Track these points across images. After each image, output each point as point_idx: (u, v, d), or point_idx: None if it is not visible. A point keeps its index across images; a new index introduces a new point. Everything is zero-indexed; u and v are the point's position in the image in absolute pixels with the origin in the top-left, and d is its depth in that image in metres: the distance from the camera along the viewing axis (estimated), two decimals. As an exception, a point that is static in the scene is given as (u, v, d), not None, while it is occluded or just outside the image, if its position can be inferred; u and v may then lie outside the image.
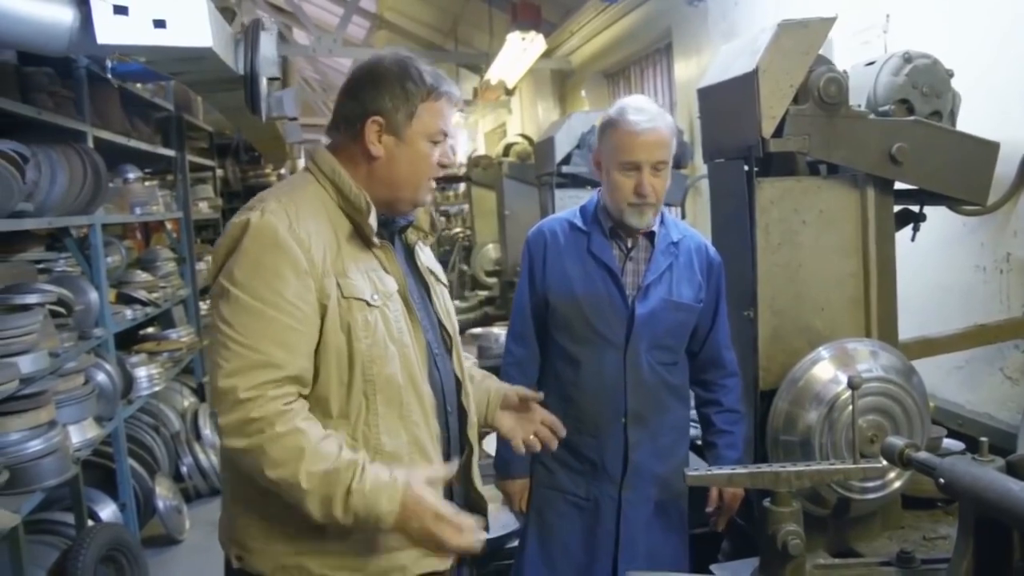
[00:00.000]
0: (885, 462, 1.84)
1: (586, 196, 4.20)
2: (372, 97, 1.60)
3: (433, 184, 1.70)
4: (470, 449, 1.77)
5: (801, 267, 2.13)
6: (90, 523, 3.49)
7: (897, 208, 2.26)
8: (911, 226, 2.31)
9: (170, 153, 5.67)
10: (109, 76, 4.19)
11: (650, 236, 2.14)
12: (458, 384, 1.76)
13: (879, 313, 2.16)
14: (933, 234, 2.43)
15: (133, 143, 4.64)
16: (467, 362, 1.91)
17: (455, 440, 1.74)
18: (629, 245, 2.14)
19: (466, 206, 8.80)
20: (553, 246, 2.18)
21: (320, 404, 1.54)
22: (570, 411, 2.15)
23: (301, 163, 13.52)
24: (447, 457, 1.70)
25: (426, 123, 1.62)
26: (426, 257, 1.81)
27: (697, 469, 1.93)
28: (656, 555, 2.18)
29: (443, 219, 11.37)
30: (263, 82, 3.63)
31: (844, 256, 2.15)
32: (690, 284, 2.16)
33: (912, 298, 2.42)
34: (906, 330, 2.28)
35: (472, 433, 1.77)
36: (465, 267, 9.02)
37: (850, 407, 1.89)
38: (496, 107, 10.05)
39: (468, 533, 1.48)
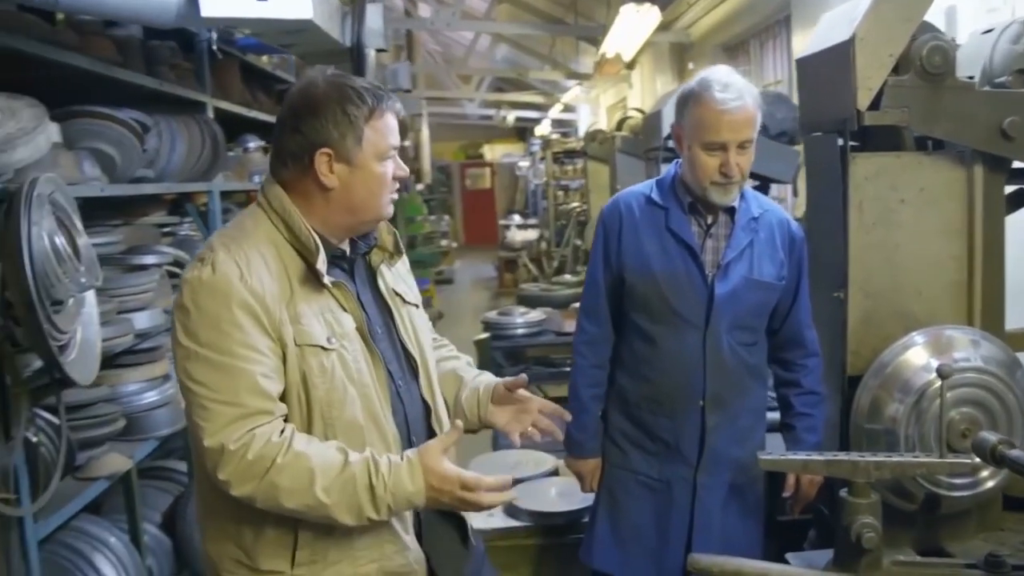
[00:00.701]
0: (976, 458, 1.74)
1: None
2: (315, 128, 1.55)
3: (395, 197, 1.67)
4: None
5: (898, 248, 2.01)
6: (201, 472, 3.70)
7: (1010, 189, 2.10)
8: (1026, 208, 2.14)
9: (291, 124, 5.88)
10: (227, 48, 4.37)
11: (730, 211, 2.07)
12: (427, 409, 1.74)
13: (984, 299, 2.02)
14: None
15: (253, 113, 4.83)
16: (458, 361, 1.89)
17: None
18: (709, 221, 2.08)
19: (584, 180, 8.77)
20: (629, 221, 2.13)
21: None
22: (645, 391, 2.11)
23: (425, 135, 13.82)
24: None
25: (375, 143, 1.58)
26: (392, 278, 1.77)
27: (771, 453, 1.87)
28: (731, 540, 2.13)
29: (561, 193, 11.39)
30: (370, 54, 3.72)
31: (946, 237, 2.01)
32: (772, 261, 2.08)
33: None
34: (1017, 320, 2.12)
35: None
36: (579, 241, 9.00)
37: (939, 398, 1.78)
38: (617, 81, 9.96)
39: (497, 492, 1.51)
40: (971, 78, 2.15)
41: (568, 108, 12.68)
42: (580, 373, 2.20)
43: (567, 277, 7.60)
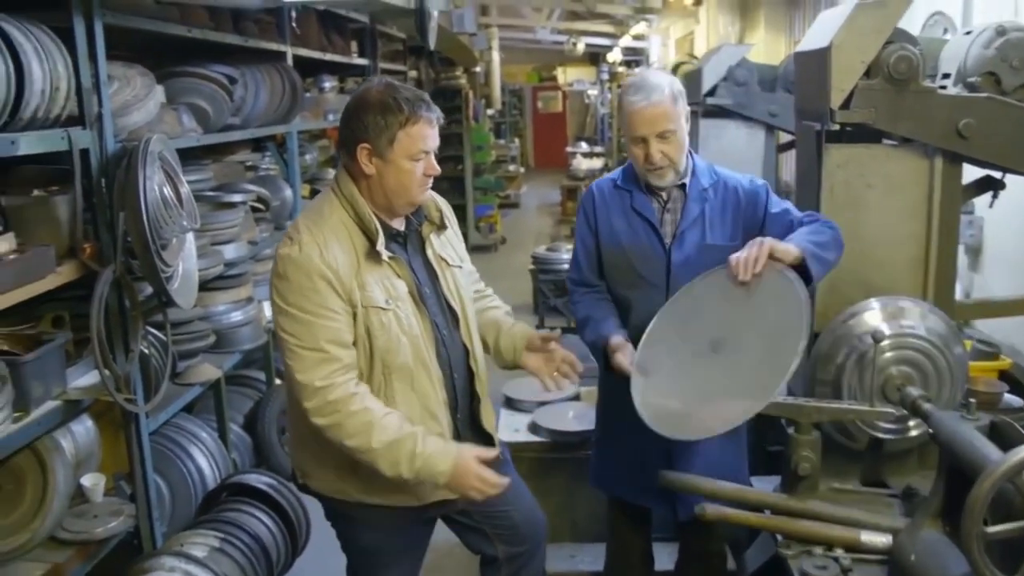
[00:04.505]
0: (899, 410, 2.11)
1: (730, 128, 4.41)
2: (358, 127, 1.95)
3: (427, 186, 2.04)
4: (477, 400, 2.19)
5: (863, 226, 2.32)
6: (277, 381, 4.27)
7: (980, 175, 2.38)
8: (991, 192, 2.42)
9: (363, 62, 6.27)
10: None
11: (682, 187, 2.35)
12: (466, 351, 2.16)
13: (937, 272, 2.33)
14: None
15: (328, 56, 5.24)
16: (498, 311, 2.31)
17: (463, 396, 2.16)
18: (665, 198, 2.37)
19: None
20: (601, 204, 2.45)
21: None
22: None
23: (495, 63, 13.99)
24: (454, 412, 2.13)
25: (406, 146, 1.95)
26: (439, 245, 2.16)
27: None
28: (712, 468, 2.36)
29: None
30: (434, 15, 4.05)
31: (907, 219, 2.32)
32: (723, 225, 2.33)
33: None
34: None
35: (479, 387, 2.18)
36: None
37: (879, 356, 2.14)
38: (685, 15, 9.97)
39: (496, 488, 2.00)
40: (947, 76, 2.42)
41: (639, 37, 12.68)
42: (576, 306, 2.53)
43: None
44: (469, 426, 2.19)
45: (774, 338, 2.05)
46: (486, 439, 2.23)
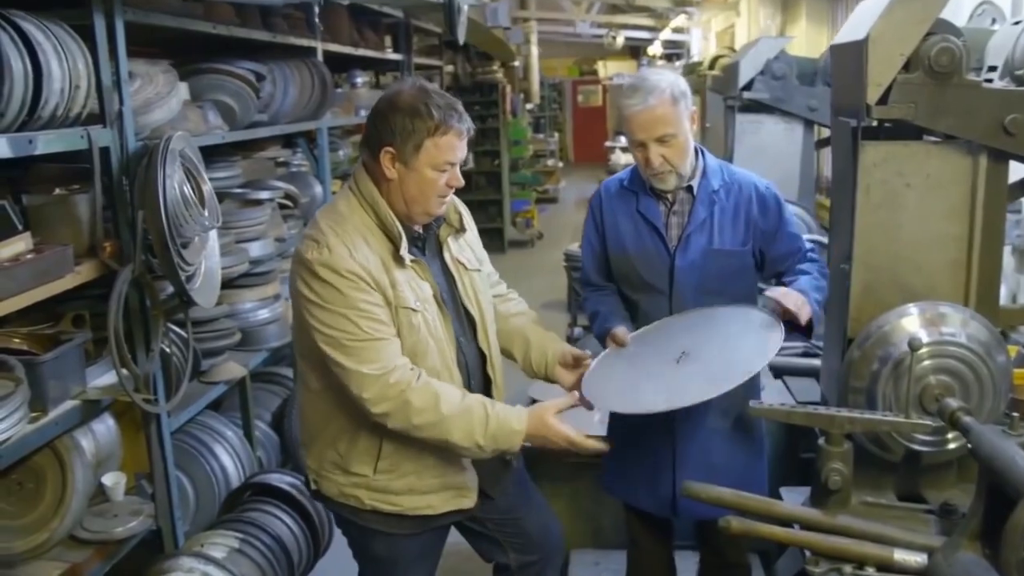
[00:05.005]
0: (936, 421, 2.00)
1: (767, 123, 4.30)
2: (385, 129, 1.88)
3: (448, 197, 1.97)
4: None
5: (901, 227, 2.21)
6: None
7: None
8: (1039, 192, 2.29)
9: (397, 57, 6.23)
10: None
11: (689, 190, 2.26)
12: (483, 357, 2.10)
13: (980, 276, 2.21)
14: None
15: (360, 51, 5.21)
16: (524, 318, 2.24)
17: None
18: (671, 200, 2.28)
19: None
20: (608, 205, 2.38)
21: None
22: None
23: (534, 57, 13.91)
24: None
25: (432, 155, 1.88)
26: (457, 249, 2.11)
27: (763, 402, 2.16)
28: (721, 478, 2.24)
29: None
30: (464, 9, 3.99)
31: (948, 219, 2.20)
32: (733, 228, 2.25)
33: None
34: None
35: (496, 394, 2.13)
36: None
37: (917, 365, 2.03)
38: (726, 8, 9.81)
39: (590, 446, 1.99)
40: (994, 68, 2.30)
41: (679, 30, 12.51)
42: (586, 303, 2.48)
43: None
44: None
45: (732, 362, 2.09)
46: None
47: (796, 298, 2.15)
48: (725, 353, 2.10)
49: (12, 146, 2.14)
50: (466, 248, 2.16)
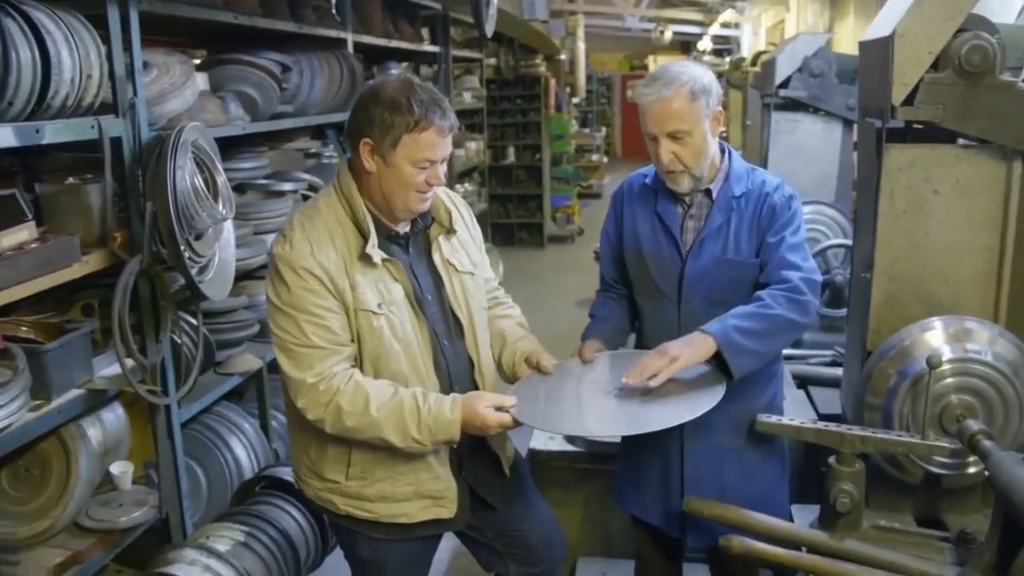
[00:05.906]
0: (953, 443, 1.89)
1: (804, 122, 4.15)
2: (365, 120, 1.83)
3: (429, 194, 1.90)
4: None
5: (927, 236, 2.11)
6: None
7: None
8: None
9: (434, 49, 6.19)
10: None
11: (708, 193, 2.14)
12: (471, 363, 2.03)
13: (1011, 290, 2.09)
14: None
15: (394, 44, 5.17)
16: (509, 320, 2.16)
17: None
18: (688, 203, 2.17)
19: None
20: (628, 202, 2.28)
21: None
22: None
23: (580, 51, 13.78)
24: None
25: (410, 151, 1.82)
26: (449, 250, 2.03)
27: (771, 417, 2.07)
28: (733, 496, 2.16)
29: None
30: (492, 2, 3.92)
31: (978, 229, 2.08)
32: (750, 238, 2.10)
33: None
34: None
35: None
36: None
37: (937, 382, 1.92)
38: (776, 2, 9.59)
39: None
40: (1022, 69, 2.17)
41: (727, 25, 12.27)
42: (593, 306, 2.39)
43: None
44: (471, 447, 2.04)
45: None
46: (495, 462, 2.11)
47: (665, 361, 1.94)
48: (659, 398, 1.95)
49: (18, 135, 2.13)
50: (459, 250, 2.08)
